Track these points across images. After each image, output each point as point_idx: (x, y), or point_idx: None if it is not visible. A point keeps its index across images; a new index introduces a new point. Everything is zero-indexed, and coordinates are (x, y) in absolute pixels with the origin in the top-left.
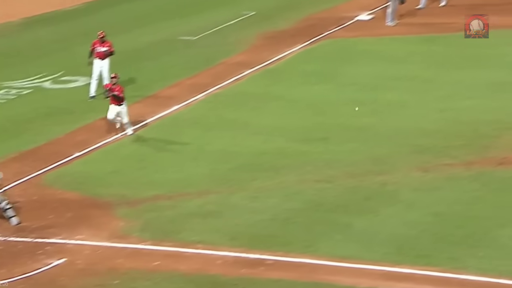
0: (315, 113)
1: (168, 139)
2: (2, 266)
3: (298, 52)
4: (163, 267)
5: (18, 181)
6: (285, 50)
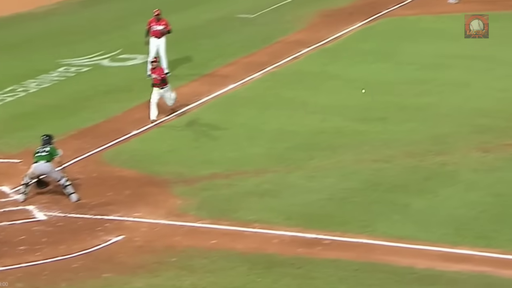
0: (373, 92)
1: (224, 118)
2: (62, 242)
3: (356, 31)
4: (220, 246)
5: (77, 158)
6: (343, 28)
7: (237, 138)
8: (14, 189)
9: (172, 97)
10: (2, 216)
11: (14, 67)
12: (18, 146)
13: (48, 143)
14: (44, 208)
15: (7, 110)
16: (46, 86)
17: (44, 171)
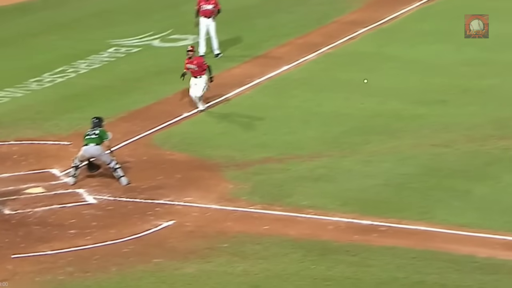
0: (434, 74)
1: (278, 100)
2: (112, 226)
3: (414, 10)
4: (273, 232)
5: (127, 141)
6: (400, 8)
7: (290, 121)
8: (64, 172)
9: (203, 87)
10: (52, 199)
11: (64, 47)
12: (68, 128)
13: (98, 126)
14: (94, 192)
15: (57, 91)
16: (96, 67)
17: (93, 154)
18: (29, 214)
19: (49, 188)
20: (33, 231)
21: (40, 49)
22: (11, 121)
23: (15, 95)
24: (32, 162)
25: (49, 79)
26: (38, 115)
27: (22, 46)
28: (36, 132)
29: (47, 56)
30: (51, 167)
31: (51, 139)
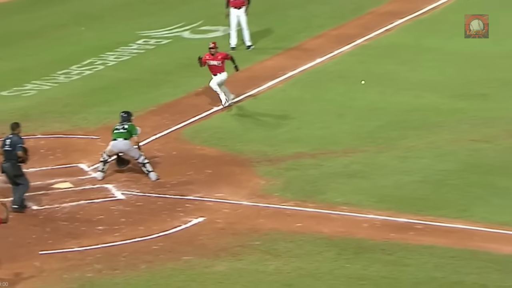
0: (474, 66)
1: (311, 93)
2: (141, 222)
3: (454, 1)
4: (306, 229)
5: (156, 135)
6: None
7: (324, 115)
8: (92, 167)
9: (223, 77)
10: (80, 194)
11: (92, 39)
12: (96, 121)
13: (127, 120)
14: (122, 187)
15: (86, 84)
16: (125, 59)
17: (122, 149)
18: (56, 209)
19: (77, 183)
20: (60, 227)
21: (67, 41)
22: (38, 114)
23: (42, 87)
24: (59, 157)
25: (77, 72)
26: (66, 108)
27: (49, 38)
28: (63, 125)
29: (75, 48)
30: (79, 161)
31: (79, 133)
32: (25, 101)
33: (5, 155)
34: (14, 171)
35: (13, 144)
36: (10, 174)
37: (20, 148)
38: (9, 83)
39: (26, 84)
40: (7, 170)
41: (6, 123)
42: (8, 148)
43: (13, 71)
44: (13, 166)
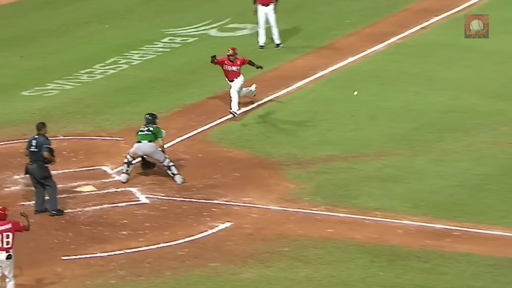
0: None
1: (343, 94)
2: (166, 227)
3: None
4: (337, 235)
5: (182, 136)
6: None
7: (356, 117)
8: (116, 169)
9: (240, 85)
10: (104, 198)
11: (115, 37)
12: (120, 122)
13: (152, 123)
14: (147, 191)
15: (109, 83)
16: (150, 58)
17: (147, 151)
18: (79, 213)
19: (100, 187)
20: (83, 232)
21: (90, 39)
22: (60, 115)
23: (65, 87)
24: (82, 159)
25: (101, 71)
26: (88, 108)
27: (71, 36)
28: (86, 126)
29: (98, 47)
30: (102, 164)
31: (102, 135)
32: (47, 101)
33: (31, 156)
34: (42, 172)
35: (39, 144)
36: (37, 176)
37: (46, 149)
38: (31, 83)
39: (48, 83)
40: (34, 171)
41: (27, 124)
42: (34, 149)
43: (35, 70)
44: (40, 167)
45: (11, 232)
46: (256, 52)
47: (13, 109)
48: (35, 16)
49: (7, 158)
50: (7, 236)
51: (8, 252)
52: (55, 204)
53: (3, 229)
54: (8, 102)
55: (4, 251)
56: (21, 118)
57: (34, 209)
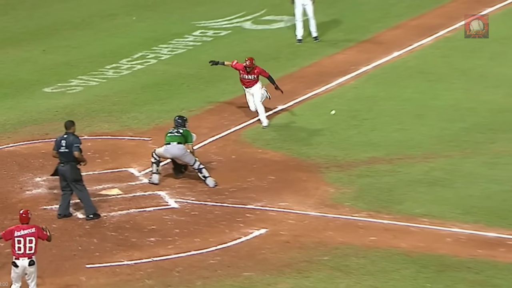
0: None
1: (387, 91)
2: (197, 234)
3: None
4: (381, 243)
5: (214, 136)
6: None
7: (402, 116)
8: (143, 171)
9: (261, 95)
10: (130, 202)
11: (143, 30)
12: (148, 121)
13: (182, 126)
14: (176, 194)
15: (136, 80)
16: (180, 52)
17: (176, 154)
18: (104, 218)
19: (127, 190)
20: (108, 238)
21: (117, 32)
22: (85, 113)
23: (89, 83)
24: (107, 160)
25: (127, 66)
26: (114, 106)
27: (96, 28)
28: (112, 125)
29: (125, 40)
30: (128, 165)
31: (129, 134)
32: (70, 99)
33: (61, 158)
34: (74, 174)
35: (69, 144)
36: (69, 178)
37: (77, 148)
38: (53, 79)
39: (71, 79)
40: (66, 173)
41: (50, 122)
42: (65, 149)
43: (57, 65)
44: (73, 168)
45: (34, 237)
46: (293, 46)
47: (34, 106)
48: (58, 7)
49: (29, 159)
50: (30, 241)
51: (30, 258)
52: (92, 207)
53: (26, 234)
54: (29, 99)
55: (27, 257)
56: (43, 117)
57: (58, 213)
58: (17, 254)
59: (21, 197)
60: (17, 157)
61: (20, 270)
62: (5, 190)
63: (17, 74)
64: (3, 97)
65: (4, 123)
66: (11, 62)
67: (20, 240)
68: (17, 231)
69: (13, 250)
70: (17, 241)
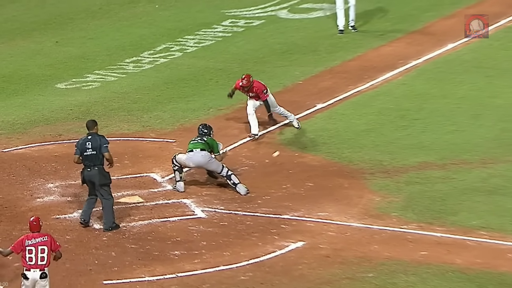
0: None
1: (440, 88)
2: (226, 247)
3: None
4: (433, 259)
5: (245, 139)
6: None
7: (456, 116)
8: (167, 177)
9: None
10: (152, 211)
11: (167, 19)
12: (172, 121)
13: (207, 135)
14: (203, 203)
15: (159, 74)
16: (208, 45)
17: (200, 162)
18: (123, 229)
19: (148, 197)
20: (128, 251)
21: (137, 21)
22: (102, 112)
23: (107, 79)
24: (127, 164)
25: (149, 60)
26: (135, 104)
27: (115, 17)
28: (132, 126)
29: (146, 31)
30: (150, 170)
31: (151, 136)
32: (86, 96)
33: (87, 161)
34: (103, 178)
35: (96, 145)
36: (99, 182)
37: (107, 149)
38: (67, 74)
39: (87, 74)
40: (95, 177)
41: (63, 122)
42: (92, 151)
43: (72, 58)
44: (102, 172)
45: (47, 246)
46: (334, 38)
47: (46, 104)
48: None
49: (40, 163)
50: (42, 250)
51: (42, 270)
52: (112, 218)
53: (38, 242)
54: (41, 96)
55: (38, 268)
56: (56, 116)
57: (81, 219)
58: (28, 265)
59: (31, 205)
60: (27, 160)
61: (30, 283)
62: (14, 197)
63: (27, 68)
64: (12, 94)
65: (13, 122)
66: (20, 55)
67: (31, 250)
68: (28, 240)
69: (23, 261)
70: (28, 251)
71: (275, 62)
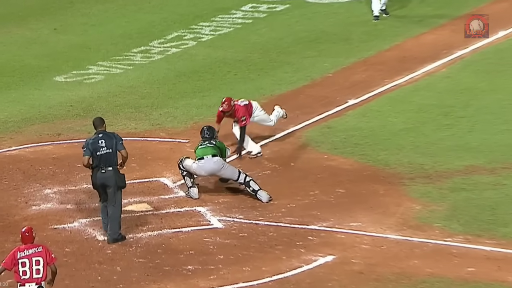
0: None
1: (489, 82)
2: (246, 261)
3: None
4: (481, 276)
5: (268, 139)
6: None
7: (508, 114)
8: (179, 182)
9: (279, 114)
10: (164, 220)
11: (180, 4)
12: (185, 119)
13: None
14: (220, 211)
15: (171, 66)
16: (225, 32)
17: (213, 169)
18: (130, 241)
19: (158, 205)
20: (135, 266)
21: (146, 6)
22: (106, 109)
23: (112, 71)
24: (134, 167)
25: (159, 50)
26: (143, 100)
27: (121, 1)
28: (140, 124)
29: (156, 17)
30: (160, 174)
31: (161, 135)
32: (89, 90)
33: (101, 162)
34: (120, 180)
35: (111, 143)
36: (116, 185)
37: (123, 146)
38: (67, 65)
39: (89, 66)
40: (110, 180)
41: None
42: (107, 150)
43: (72, 48)
44: (117, 173)
45: (42, 257)
46: (368, 25)
47: (43, 99)
48: None
49: (36, 166)
50: (37, 262)
51: (39, 284)
52: (118, 229)
53: (31, 254)
54: (37, 90)
55: (34, 282)
56: (54, 112)
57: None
58: (22, 280)
59: (26, 214)
60: (22, 163)
61: None
62: (7, 204)
63: (22, 58)
64: (4, 88)
65: (6, 120)
66: (14, 44)
67: (24, 263)
68: (20, 252)
69: (16, 276)
70: (21, 264)
71: (302, 52)
